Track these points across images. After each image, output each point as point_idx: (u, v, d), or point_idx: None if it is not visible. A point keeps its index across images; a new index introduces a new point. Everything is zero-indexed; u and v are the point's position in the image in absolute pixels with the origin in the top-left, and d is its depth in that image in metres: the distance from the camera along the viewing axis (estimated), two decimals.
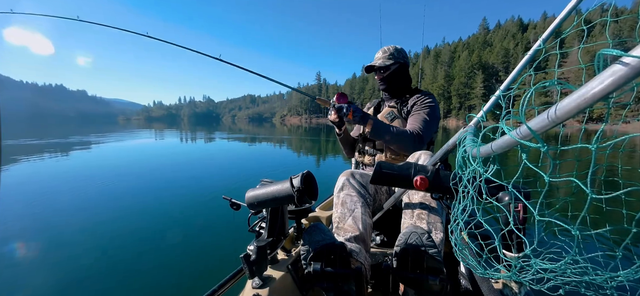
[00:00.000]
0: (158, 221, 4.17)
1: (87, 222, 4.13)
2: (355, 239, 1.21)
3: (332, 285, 1.01)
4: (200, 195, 5.48)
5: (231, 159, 10.71)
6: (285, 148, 15.05)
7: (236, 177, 7.21)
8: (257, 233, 1.25)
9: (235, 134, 26.06)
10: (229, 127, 48.99)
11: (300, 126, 51.81)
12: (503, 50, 76.69)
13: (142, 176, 7.44)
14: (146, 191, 5.87)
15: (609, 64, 0.34)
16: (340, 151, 1.94)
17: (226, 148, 14.30)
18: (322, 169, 8.63)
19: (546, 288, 0.64)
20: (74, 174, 7.58)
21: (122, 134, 24.72)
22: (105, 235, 3.68)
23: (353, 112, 1.52)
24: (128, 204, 4.98)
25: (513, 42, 79.57)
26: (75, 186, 6.22)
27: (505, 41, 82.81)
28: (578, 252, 0.51)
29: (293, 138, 21.95)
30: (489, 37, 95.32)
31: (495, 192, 0.81)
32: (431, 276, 0.93)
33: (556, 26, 0.70)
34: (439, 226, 1.16)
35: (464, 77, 76.22)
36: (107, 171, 7.91)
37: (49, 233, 3.76)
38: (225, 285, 1.20)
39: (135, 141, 17.66)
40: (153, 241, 3.52)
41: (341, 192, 1.37)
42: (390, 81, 1.78)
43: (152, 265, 2.98)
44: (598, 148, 0.38)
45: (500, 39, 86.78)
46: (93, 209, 4.69)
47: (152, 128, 36.62)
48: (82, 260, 3.07)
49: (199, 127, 45.27)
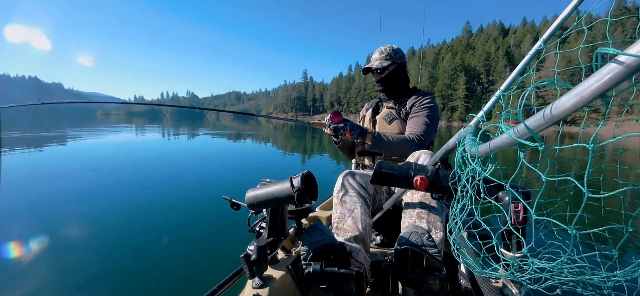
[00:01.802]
0: (158, 221, 4.16)
1: (85, 222, 4.10)
2: (355, 239, 1.21)
3: (332, 285, 1.01)
4: (200, 195, 5.48)
5: (231, 159, 10.70)
6: (285, 148, 15.09)
7: (236, 177, 7.22)
8: (257, 233, 1.25)
9: (219, 131, 25.64)
10: (213, 123, 48.10)
11: (286, 124, 51.46)
12: (485, 53, 78.91)
13: (142, 176, 7.40)
14: (146, 191, 5.84)
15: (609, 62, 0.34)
16: (339, 151, 1.95)
17: (226, 148, 14.25)
18: (322, 169, 8.64)
19: (544, 287, 0.65)
20: (70, 174, 7.47)
21: (101, 129, 23.90)
22: (104, 235, 3.67)
23: (350, 131, 1.52)
24: (127, 204, 4.95)
25: (494, 45, 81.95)
26: (73, 186, 6.17)
27: (486, 45, 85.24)
28: (575, 252, 0.51)
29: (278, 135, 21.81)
30: (471, 40, 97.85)
31: (495, 191, 0.82)
32: (431, 275, 0.94)
33: (557, 27, 0.71)
34: (439, 226, 1.17)
35: (447, 79, 77.81)
36: (103, 171, 7.84)
37: (49, 233, 3.72)
38: (225, 285, 1.20)
39: (132, 139, 17.40)
40: (153, 241, 3.51)
41: (341, 192, 1.37)
42: (388, 82, 1.78)
43: (152, 265, 2.98)
44: (595, 147, 0.39)
45: (482, 43, 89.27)
46: (91, 209, 4.66)
47: (133, 124, 35.50)
48: (81, 260, 3.06)
49: (183, 124, 43.58)
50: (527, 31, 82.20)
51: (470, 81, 76.50)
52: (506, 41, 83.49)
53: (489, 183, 0.75)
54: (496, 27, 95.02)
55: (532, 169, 0.47)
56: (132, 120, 60.09)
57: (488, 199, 0.67)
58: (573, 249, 0.50)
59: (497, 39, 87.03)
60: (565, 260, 0.54)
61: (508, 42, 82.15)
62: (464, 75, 75.99)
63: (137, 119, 66.40)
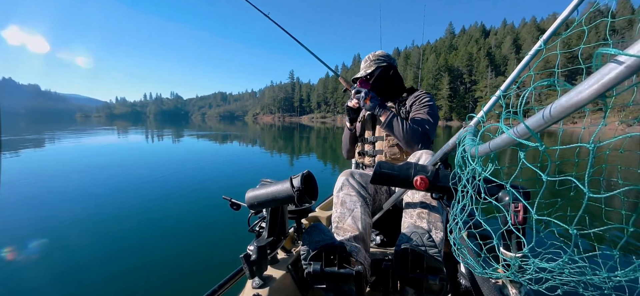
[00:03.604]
0: (158, 222, 4.16)
1: (85, 224, 4.11)
2: (355, 239, 1.21)
3: (332, 285, 1.01)
4: (200, 195, 5.47)
5: (231, 159, 10.71)
6: (285, 148, 15.12)
7: (236, 177, 7.24)
8: (257, 233, 1.25)
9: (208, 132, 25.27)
10: (198, 125, 47.14)
11: (274, 125, 51.14)
12: (467, 54, 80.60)
13: (141, 177, 7.39)
14: (145, 191, 5.84)
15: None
16: (339, 150, 1.96)
17: (226, 148, 14.27)
18: (321, 170, 8.66)
19: (545, 288, 0.64)
20: (68, 176, 7.53)
21: (88, 132, 23.18)
22: (104, 236, 3.67)
23: (370, 99, 1.59)
24: (127, 204, 4.95)
25: (476, 46, 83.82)
26: (71, 188, 6.23)
27: (469, 45, 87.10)
28: (576, 252, 0.51)
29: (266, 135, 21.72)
30: (454, 41, 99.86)
31: (495, 191, 0.82)
32: (431, 276, 0.94)
33: (557, 27, 0.71)
34: (440, 226, 1.17)
35: (432, 79, 78.94)
36: (101, 173, 7.88)
37: (48, 232, 3.73)
38: (225, 285, 1.20)
39: (131, 140, 17.19)
40: (153, 242, 3.51)
41: (340, 192, 1.37)
42: (376, 85, 1.81)
43: (152, 265, 2.98)
44: (596, 147, 0.39)
45: (464, 44, 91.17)
46: (90, 210, 4.67)
47: (115, 126, 34.47)
48: (81, 261, 3.06)
49: (167, 126, 42.12)
50: (507, 32, 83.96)
51: (453, 81, 77.82)
52: (487, 42, 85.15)
53: (489, 183, 0.76)
54: (478, 29, 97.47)
55: (533, 169, 0.47)
56: (114, 122, 58.33)
57: (488, 199, 0.67)
58: (574, 249, 0.50)
59: (478, 40, 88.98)
60: (565, 260, 0.54)
61: (489, 43, 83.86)
62: (447, 75, 77.23)
63: (119, 122, 64.45)
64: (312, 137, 17.25)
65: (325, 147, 14.33)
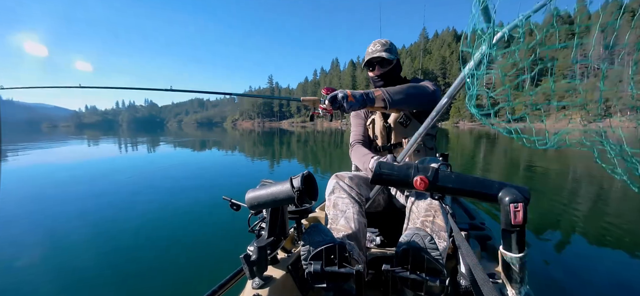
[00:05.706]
0: (158, 222, 4.13)
1: (85, 226, 4.08)
2: (348, 237, 1.21)
3: (332, 284, 1.02)
4: (200, 196, 5.44)
5: (230, 159, 10.72)
6: (285, 149, 15.13)
7: (236, 178, 7.21)
8: (257, 234, 1.25)
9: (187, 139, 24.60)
10: (174, 133, 45.37)
11: (253, 131, 50.15)
12: (440, 57, 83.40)
13: (141, 176, 7.42)
14: (145, 192, 5.81)
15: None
16: (338, 150, 1.91)
17: (225, 148, 14.42)
18: (321, 170, 8.62)
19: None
20: (67, 187, 7.61)
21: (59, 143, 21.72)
22: (104, 237, 3.64)
23: (351, 94, 1.31)
24: (127, 205, 4.92)
25: (448, 50, 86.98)
26: (70, 195, 6.29)
27: (441, 49, 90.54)
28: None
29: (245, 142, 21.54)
30: (428, 45, 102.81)
31: (495, 190, 0.82)
32: (431, 277, 0.93)
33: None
34: (444, 236, 1.16)
35: None
36: (95, 178, 7.92)
37: (48, 231, 3.71)
38: (225, 285, 1.19)
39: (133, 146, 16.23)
40: (153, 242, 3.49)
41: (332, 195, 1.37)
42: (390, 76, 1.72)
43: (152, 265, 2.96)
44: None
45: (438, 48, 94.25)
46: (90, 213, 4.65)
47: (84, 136, 32.49)
48: (81, 262, 3.04)
49: (140, 134, 38.48)
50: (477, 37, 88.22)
51: None
52: (459, 46, 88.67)
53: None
54: (450, 33, 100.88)
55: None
56: (84, 132, 53.89)
57: (485, 193, 0.75)
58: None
59: (451, 44, 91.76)
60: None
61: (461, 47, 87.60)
62: (423, 78, 79.64)
63: (89, 131, 59.77)
64: (293, 142, 17.28)
65: (306, 150, 14.34)
